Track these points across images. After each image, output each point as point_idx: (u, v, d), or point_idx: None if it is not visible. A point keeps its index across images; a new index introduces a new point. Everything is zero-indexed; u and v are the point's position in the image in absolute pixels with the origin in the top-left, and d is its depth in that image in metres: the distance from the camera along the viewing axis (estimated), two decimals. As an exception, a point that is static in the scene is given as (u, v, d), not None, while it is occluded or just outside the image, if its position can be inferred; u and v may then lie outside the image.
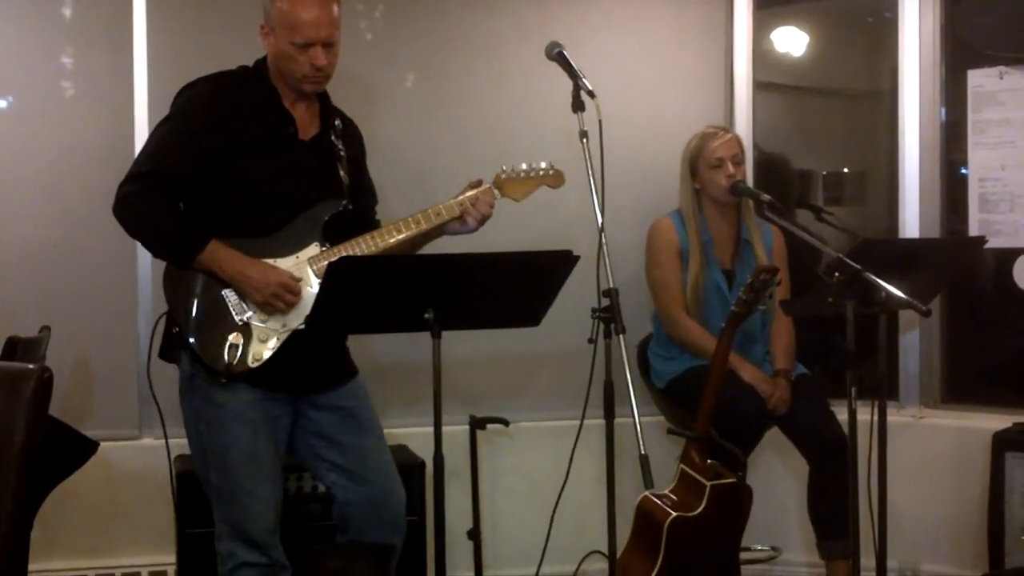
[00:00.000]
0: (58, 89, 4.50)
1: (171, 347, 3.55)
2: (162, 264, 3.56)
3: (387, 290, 3.24)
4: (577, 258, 3.34)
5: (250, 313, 3.42)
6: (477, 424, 4.37)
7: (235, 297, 3.42)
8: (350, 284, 3.19)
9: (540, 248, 3.59)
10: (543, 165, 3.69)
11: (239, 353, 3.39)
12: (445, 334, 3.26)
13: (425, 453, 4.00)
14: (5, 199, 4.43)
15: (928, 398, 4.99)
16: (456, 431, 4.25)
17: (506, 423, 4.46)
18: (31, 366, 2.59)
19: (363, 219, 3.69)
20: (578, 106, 3.72)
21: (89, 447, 3.72)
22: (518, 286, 3.36)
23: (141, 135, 4.49)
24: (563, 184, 3.69)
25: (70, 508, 4.27)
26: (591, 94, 3.66)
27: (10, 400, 2.55)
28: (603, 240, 3.63)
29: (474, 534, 4.39)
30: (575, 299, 3.61)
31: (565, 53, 3.79)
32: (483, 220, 3.61)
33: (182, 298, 3.43)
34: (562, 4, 4.95)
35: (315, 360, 3.52)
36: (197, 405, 3.50)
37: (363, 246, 3.51)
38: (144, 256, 4.49)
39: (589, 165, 3.66)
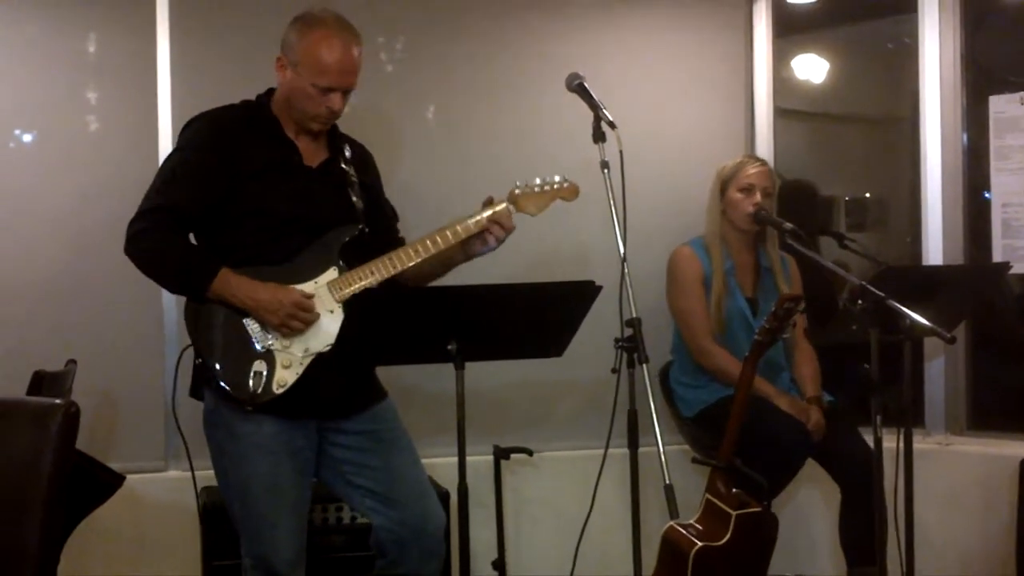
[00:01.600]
0: (82, 124, 4.53)
1: (197, 382, 3.56)
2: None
3: (410, 322, 3.24)
4: (600, 288, 3.35)
5: (271, 340, 3.41)
6: (501, 454, 4.37)
7: (256, 325, 3.42)
8: (373, 317, 3.20)
9: (563, 278, 3.59)
10: (557, 179, 3.69)
11: (264, 380, 3.38)
12: (469, 363, 3.27)
13: (449, 483, 4.00)
14: (30, 233, 4.45)
15: (954, 425, 4.97)
16: (480, 461, 4.25)
17: (530, 453, 4.46)
18: (57, 401, 2.61)
19: (385, 240, 3.70)
20: (599, 137, 3.73)
21: (115, 480, 3.74)
22: (541, 317, 3.37)
23: (165, 166, 4.53)
24: (577, 196, 3.68)
25: (97, 541, 4.27)
26: (612, 125, 3.67)
27: (37, 435, 2.57)
28: (625, 270, 3.64)
29: (499, 564, 4.39)
30: (598, 328, 3.61)
31: (585, 84, 3.80)
32: (503, 238, 3.61)
33: (204, 331, 3.43)
34: (581, 35, 4.97)
35: (340, 385, 3.51)
36: (220, 438, 3.50)
37: (381, 268, 3.50)
38: (168, 289, 4.52)
39: (611, 195, 3.67)
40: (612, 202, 3.64)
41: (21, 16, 4.46)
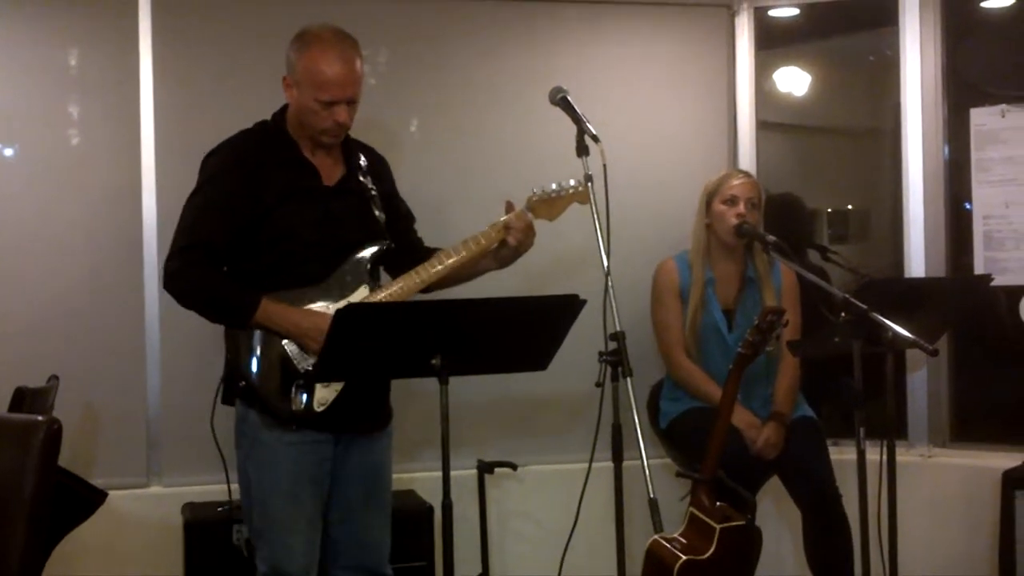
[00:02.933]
0: (65, 137, 4.52)
1: (229, 391, 3.63)
2: (170, 313, 3.67)
3: (394, 336, 3.24)
4: (584, 302, 3.35)
5: (311, 361, 3.48)
6: (485, 468, 4.37)
7: (295, 348, 3.51)
8: (357, 331, 3.20)
9: (546, 292, 3.59)
10: (572, 182, 3.75)
11: (305, 400, 3.49)
12: (453, 378, 3.27)
13: (433, 498, 4.01)
14: (11, 247, 4.43)
15: (937, 437, 4.98)
16: (464, 475, 4.24)
17: (514, 467, 4.46)
18: (40, 418, 2.61)
19: (407, 246, 3.78)
20: (582, 150, 3.72)
21: (97, 497, 3.72)
22: (525, 331, 3.37)
23: (148, 180, 4.53)
24: (592, 197, 3.69)
25: (78, 558, 4.25)
26: (595, 138, 3.67)
27: (19, 452, 2.56)
28: (609, 283, 3.63)
29: (483, 579, 4.38)
30: (582, 342, 3.60)
31: (569, 98, 3.80)
32: (523, 240, 3.69)
33: (245, 355, 3.54)
34: (565, 48, 4.97)
35: (361, 400, 3.59)
36: (246, 446, 3.59)
37: (411, 283, 3.60)
38: (152, 305, 4.51)
39: (594, 208, 3.67)
40: (596, 215, 3.64)
41: (2, 29, 4.44)
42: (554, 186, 3.75)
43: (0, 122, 4.47)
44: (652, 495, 3.59)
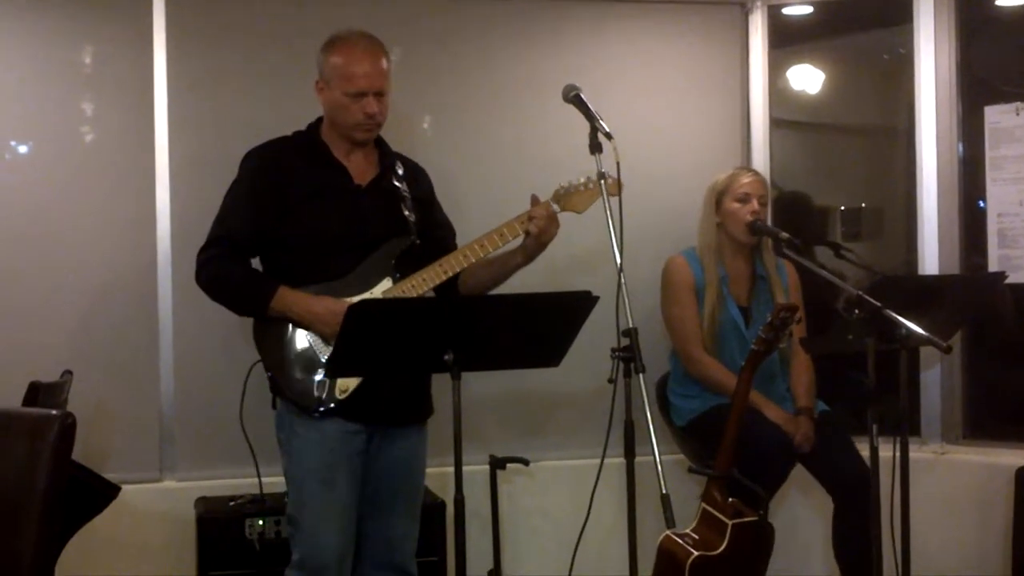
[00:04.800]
0: (78, 135, 4.53)
1: (273, 393, 3.72)
2: (184, 307, 3.82)
3: (407, 333, 3.25)
4: (596, 299, 3.35)
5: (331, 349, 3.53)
6: (497, 464, 4.36)
7: (315, 337, 3.62)
8: (370, 327, 3.21)
9: (559, 288, 3.59)
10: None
11: (327, 388, 3.58)
12: (465, 373, 3.28)
13: (445, 493, 4.01)
14: (25, 243, 4.45)
15: (950, 434, 4.97)
16: (476, 471, 4.24)
17: (526, 463, 4.45)
18: (54, 412, 2.62)
19: (439, 252, 3.79)
20: (595, 148, 3.72)
21: (111, 491, 3.75)
22: (538, 327, 3.38)
23: (162, 177, 4.54)
24: (622, 190, 3.68)
25: (92, 551, 4.26)
26: (608, 136, 3.67)
27: (33, 446, 2.57)
28: (622, 280, 3.63)
29: (495, 574, 4.38)
30: (594, 338, 3.61)
31: (582, 95, 3.79)
32: (545, 229, 3.69)
33: (270, 347, 3.65)
34: (578, 46, 4.98)
35: (395, 392, 3.65)
36: (284, 438, 3.70)
37: (432, 274, 3.67)
38: (165, 300, 4.52)
39: (607, 206, 3.67)
40: (609, 213, 3.64)
41: (17, 28, 4.46)
42: (581, 179, 3.78)
43: (15, 119, 4.49)
44: (664, 491, 3.59)
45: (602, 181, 3.66)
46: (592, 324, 3.43)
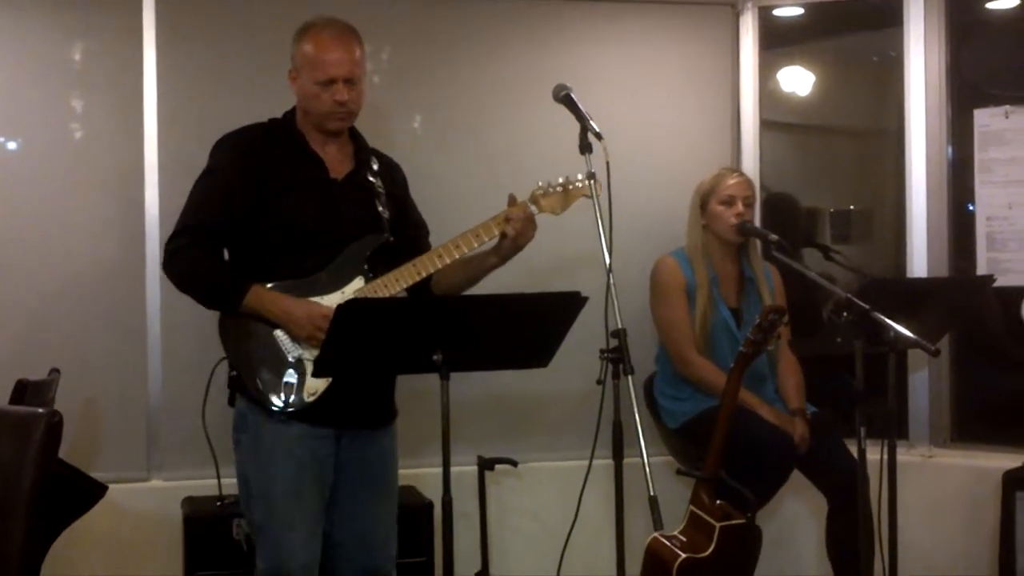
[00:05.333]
0: (67, 132, 4.52)
1: (231, 391, 3.64)
2: (172, 306, 3.72)
3: (395, 332, 3.24)
4: (586, 299, 3.35)
5: (301, 350, 3.50)
6: (485, 465, 4.35)
7: (285, 336, 3.53)
8: (358, 327, 3.20)
9: (548, 289, 3.59)
10: (580, 176, 3.71)
11: (295, 389, 3.50)
12: (454, 374, 3.27)
13: (433, 494, 4.00)
14: (14, 240, 4.44)
15: (938, 437, 4.98)
16: (464, 472, 4.23)
17: (514, 464, 4.44)
18: (40, 410, 2.61)
19: (412, 250, 3.73)
20: (585, 148, 3.71)
21: (97, 490, 3.74)
22: (527, 328, 3.37)
23: (151, 175, 4.53)
24: (601, 192, 3.66)
25: (79, 551, 4.25)
26: (598, 136, 3.66)
27: (19, 444, 2.56)
28: (611, 281, 3.63)
29: (483, 575, 4.37)
30: (583, 339, 3.60)
31: (572, 95, 3.79)
32: (522, 231, 3.62)
33: (236, 343, 3.56)
34: (569, 46, 4.97)
35: (362, 394, 3.59)
36: (246, 442, 3.59)
37: (406, 275, 3.59)
38: (153, 299, 4.51)
39: (597, 206, 3.66)
40: (598, 213, 3.63)
41: (6, 24, 4.45)
42: (560, 180, 3.73)
43: (4, 116, 4.47)
44: (652, 493, 3.59)
45: (591, 181, 3.66)
46: (581, 325, 3.42)
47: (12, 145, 4.49)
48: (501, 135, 4.91)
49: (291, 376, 3.50)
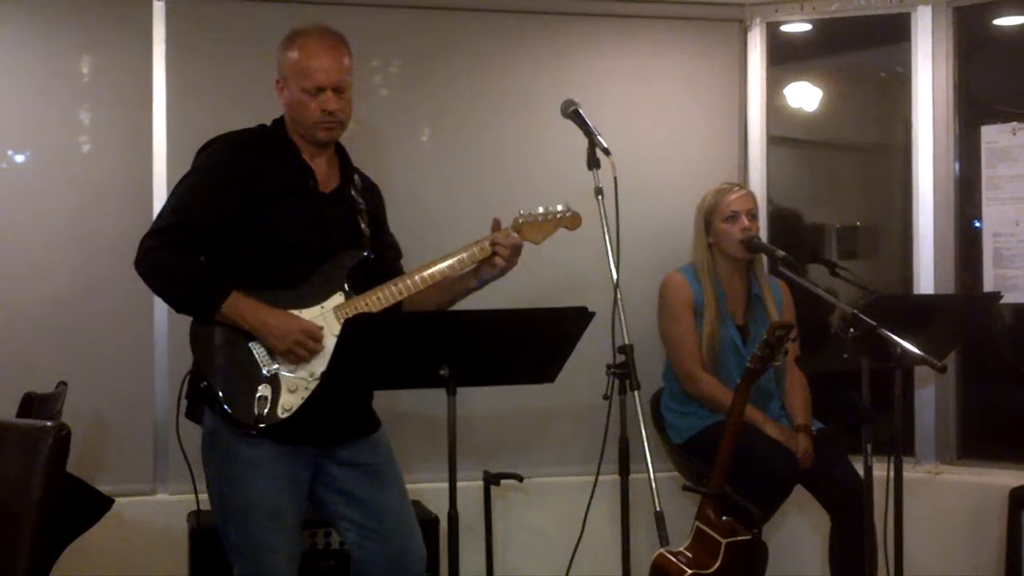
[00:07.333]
0: (76, 145, 4.53)
1: (196, 404, 3.54)
2: (179, 319, 3.58)
3: (402, 347, 3.24)
4: (593, 315, 3.34)
5: (277, 365, 3.41)
6: (491, 479, 4.37)
7: (262, 349, 3.41)
8: (365, 341, 3.20)
9: (555, 304, 3.58)
10: (560, 207, 3.67)
11: (268, 405, 3.37)
12: (461, 388, 3.27)
13: (439, 509, 4.00)
14: (22, 253, 4.45)
15: (944, 454, 4.97)
16: (470, 486, 4.25)
17: (520, 479, 4.46)
18: (48, 424, 2.60)
19: (385, 271, 3.67)
20: (593, 163, 3.72)
21: (104, 503, 3.73)
22: (534, 343, 3.36)
23: (159, 189, 4.53)
24: (580, 226, 3.66)
25: (84, 564, 4.24)
26: (606, 151, 3.67)
27: (27, 458, 2.55)
28: (618, 296, 3.63)
29: (488, 590, 4.38)
30: (589, 354, 3.60)
31: (580, 111, 3.80)
32: (509, 259, 3.56)
33: (209, 353, 3.43)
34: (577, 61, 4.98)
35: (341, 412, 3.50)
36: (219, 461, 3.46)
37: (388, 293, 3.50)
38: (161, 311, 4.50)
39: (604, 222, 3.67)
40: (606, 229, 3.64)
41: (16, 37, 4.47)
42: (541, 209, 3.65)
43: (13, 129, 4.48)
44: (658, 508, 3.59)
45: (570, 212, 3.64)
46: (588, 340, 3.41)
47: (21, 158, 4.50)
48: (509, 149, 4.92)
49: (264, 391, 3.38)
